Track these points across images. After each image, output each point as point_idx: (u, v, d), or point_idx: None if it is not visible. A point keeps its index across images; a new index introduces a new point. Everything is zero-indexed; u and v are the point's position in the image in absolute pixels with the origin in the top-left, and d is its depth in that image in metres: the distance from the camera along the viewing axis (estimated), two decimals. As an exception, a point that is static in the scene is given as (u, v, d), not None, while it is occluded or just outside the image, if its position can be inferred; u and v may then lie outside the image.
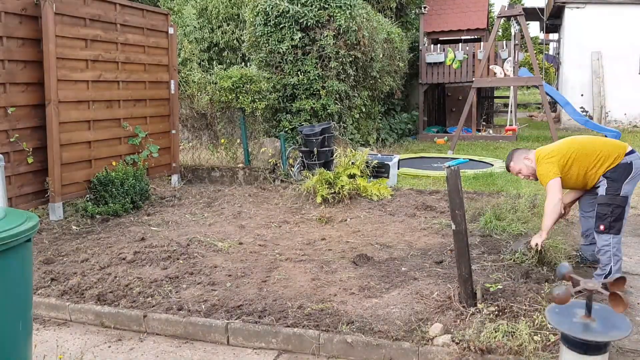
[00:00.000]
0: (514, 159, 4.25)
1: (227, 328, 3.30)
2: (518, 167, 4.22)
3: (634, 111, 14.82)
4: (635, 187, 3.95)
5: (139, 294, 3.80)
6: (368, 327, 3.19)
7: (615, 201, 3.83)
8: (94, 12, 6.26)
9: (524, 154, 4.22)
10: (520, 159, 4.20)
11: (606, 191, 3.86)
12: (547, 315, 2.37)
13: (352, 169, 6.80)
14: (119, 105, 6.70)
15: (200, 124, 10.18)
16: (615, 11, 14.61)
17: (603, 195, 3.87)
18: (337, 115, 9.25)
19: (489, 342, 2.89)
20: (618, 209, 3.83)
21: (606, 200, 3.85)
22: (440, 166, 9.10)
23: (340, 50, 8.95)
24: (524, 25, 11.62)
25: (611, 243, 3.86)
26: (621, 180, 3.83)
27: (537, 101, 22.67)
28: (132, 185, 6.29)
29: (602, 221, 3.86)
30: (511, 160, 4.27)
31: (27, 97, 5.63)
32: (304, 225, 5.65)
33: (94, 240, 5.10)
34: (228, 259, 4.55)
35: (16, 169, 5.53)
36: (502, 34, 23.16)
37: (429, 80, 13.83)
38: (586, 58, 15.03)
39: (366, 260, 4.39)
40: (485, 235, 5.04)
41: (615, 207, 3.83)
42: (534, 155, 4.14)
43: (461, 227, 3.33)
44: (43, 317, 3.70)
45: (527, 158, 4.16)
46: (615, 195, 3.82)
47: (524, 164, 4.19)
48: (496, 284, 3.65)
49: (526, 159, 4.17)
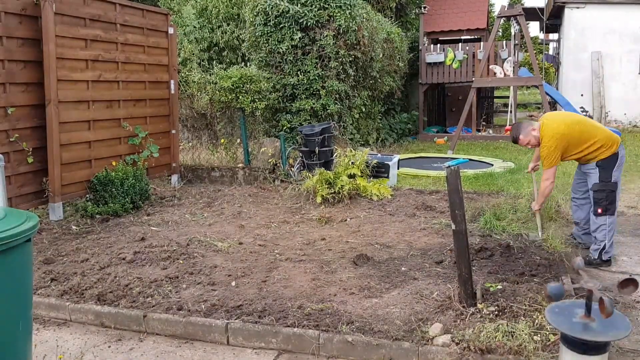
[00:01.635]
0: (523, 131, 4.59)
1: (227, 328, 3.30)
2: (527, 139, 4.58)
3: (634, 111, 14.81)
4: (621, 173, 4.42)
5: (139, 294, 3.80)
6: (368, 327, 3.19)
7: (608, 187, 4.31)
8: (94, 12, 6.26)
9: (530, 126, 4.58)
10: (529, 131, 4.56)
11: (599, 179, 4.32)
12: (547, 315, 2.37)
13: (352, 169, 6.80)
14: (118, 105, 6.70)
15: (200, 124, 10.18)
16: (615, 11, 14.60)
17: (597, 182, 4.34)
18: (337, 115, 9.25)
19: (489, 342, 2.89)
20: (612, 193, 4.32)
21: (600, 187, 4.33)
22: (440, 166, 9.10)
23: (340, 50, 8.95)
24: (524, 25, 11.62)
25: (607, 222, 4.34)
26: (611, 168, 4.31)
27: (537, 101, 22.67)
28: (132, 185, 6.29)
29: (599, 205, 4.33)
30: (520, 132, 4.60)
31: (27, 97, 5.63)
32: (303, 225, 5.65)
33: (93, 240, 5.10)
34: (228, 259, 4.55)
35: (16, 169, 5.53)
36: (502, 34, 23.14)
37: (429, 80, 13.82)
38: (586, 58, 15.02)
39: (366, 260, 4.39)
40: (485, 235, 5.04)
41: (609, 192, 4.32)
42: (539, 126, 4.51)
43: (461, 227, 3.33)
44: (43, 317, 3.70)
45: (534, 129, 4.53)
46: (607, 181, 4.31)
47: (532, 136, 4.55)
48: (496, 284, 3.66)
49: (533, 130, 4.53)
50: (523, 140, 4.59)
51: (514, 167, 8.85)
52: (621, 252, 4.79)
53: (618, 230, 5.45)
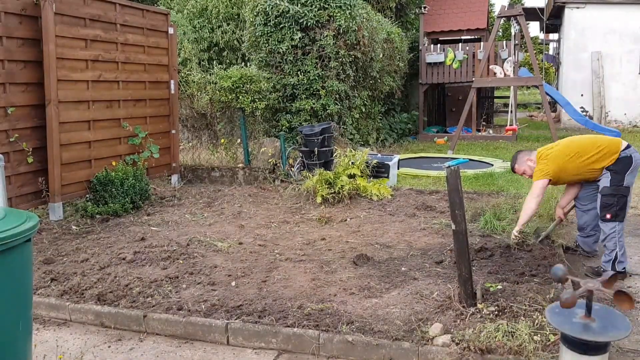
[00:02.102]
0: (518, 161, 4.64)
1: (227, 328, 3.30)
2: (522, 169, 4.61)
3: (634, 111, 14.81)
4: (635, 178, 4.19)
5: (139, 294, 3.80)
6: (368, 327, 3.19)
7: (619, 191, 4.09)
8: (94, 12, 6.26)
9: (527, 155, 4.60)
10: (524, 161, 4.59)
11: (610, 182, 4.10)
12: (547, 315, 2.37)
13: (352, 169, 6.80)
14: (118, 105, 6.70)
15: (200, 124, 10.18)
16: (615, 11, 14.61)
17: (607, 186, 4.11)
18: (337, 115, 9.25)
19: (489, 342, 2.89)
20: (622, 198, 4.10)
21: (611, 191, 4.09)
22: (440, 166, 9.10)
23: (340, 50, 8.95)
24: (524, 25, 11.62)
25: (617, 230, 4.10)
26: (623, 172, 4.10)
27: (537, 101, 22.67)
28: (132, 185, 6.29)
29: (609, 210, 4.10)
30: (515, 162, 4.67)
31: (27, 97, 5.63)
32: (303, 225, 5.65)
33: (93, 240, 5.11)
34: (228, 259, 4.55)
35: (16, 169, 5.53)
36: (502, 34, 23.15)
37: (429, 80, 13.82)
38: (586, 58, 15.03)
39: (366, 260, 4.39)
40: (485, 235, 5.04)
41: (620, 197, 4.09)
42: (535, 155, 4.50)
43: (461, 227, 3.33)
44: (43, 317, 3.70)
45: (529, 159, 4.54)
46: (619, 185, 4.09)
47: (527, 165, 4.56)
48: (496, 284, 3.66)
49: (529, 160, 4.55)
50: (518, 169, 4.64)
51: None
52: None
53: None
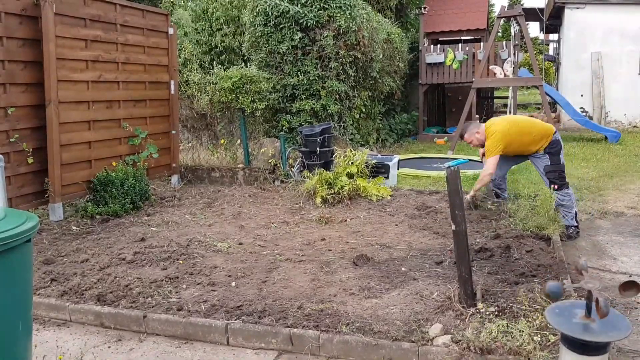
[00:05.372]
0: (468, 131, 5.47)
1: (227, 328, 3.30)
2: (470, 139, 5.46)
3: (634, 111, 14.80)
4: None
5: (139, 295, 3.80)
6: (368, 327, 3.19)
7: (558, 167, 5.19)
8: (94, 12, 6.26)
9: (476, 128, 5.41)
10: (473, 133, 5.41)
11: (550, 162, 5.17)
12: (547, 316, 2.37)
13: (352, 170, 6.80)
14: (119, 106, 6.70)
15: (200, 125, 10.19)
16: (615, 11, 14.60)
17: (548, 164, 5.17)
18: (337, 115, 9.25)
19: (489, 342, 2.89)
20: (562, 172, 5.21)
21: (552, 168, 5.17)
22: (440, 166, 9.09)
23: (340, 50, 8.95)
24: (524, 25, 11.61)
25: (569, 192, 5.18)
26: (558, 154, 5.19)
27: (537, 101, 22.66)
28: (132, 186, 6.29)
29: (555, 182, 5.11)
30: (465, 132, 5.50)
31: (27, 98, 5.63)
32: (303, 225, 5.65)
33: (93, 241, 5.11)
34: (228, 259, 4.55)
35: (16, 170, 5.53)
36: (502, 34, 23.14)
37: (429, 80, 13.82)
38: (586, 58, 15.01)
39: (366, 261, 4.39)
40: (485, 236, 5.03)
41: (560, 171, 5.19)
42: (483, 128, 5.33)
43: (461, 228, 3.33)
44: (43, 317, 3.70)
45: (478, 132, 5.37)
46: (557, 163, 5.19)
47: (475, 137, 5.41)
48: (496, 285, 3.65)
49: (477, 132, 5.38)
50: (467, 138, 5.48)
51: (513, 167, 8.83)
52: (621, 252, 4.80)
53: (618, 230, 5.47)
